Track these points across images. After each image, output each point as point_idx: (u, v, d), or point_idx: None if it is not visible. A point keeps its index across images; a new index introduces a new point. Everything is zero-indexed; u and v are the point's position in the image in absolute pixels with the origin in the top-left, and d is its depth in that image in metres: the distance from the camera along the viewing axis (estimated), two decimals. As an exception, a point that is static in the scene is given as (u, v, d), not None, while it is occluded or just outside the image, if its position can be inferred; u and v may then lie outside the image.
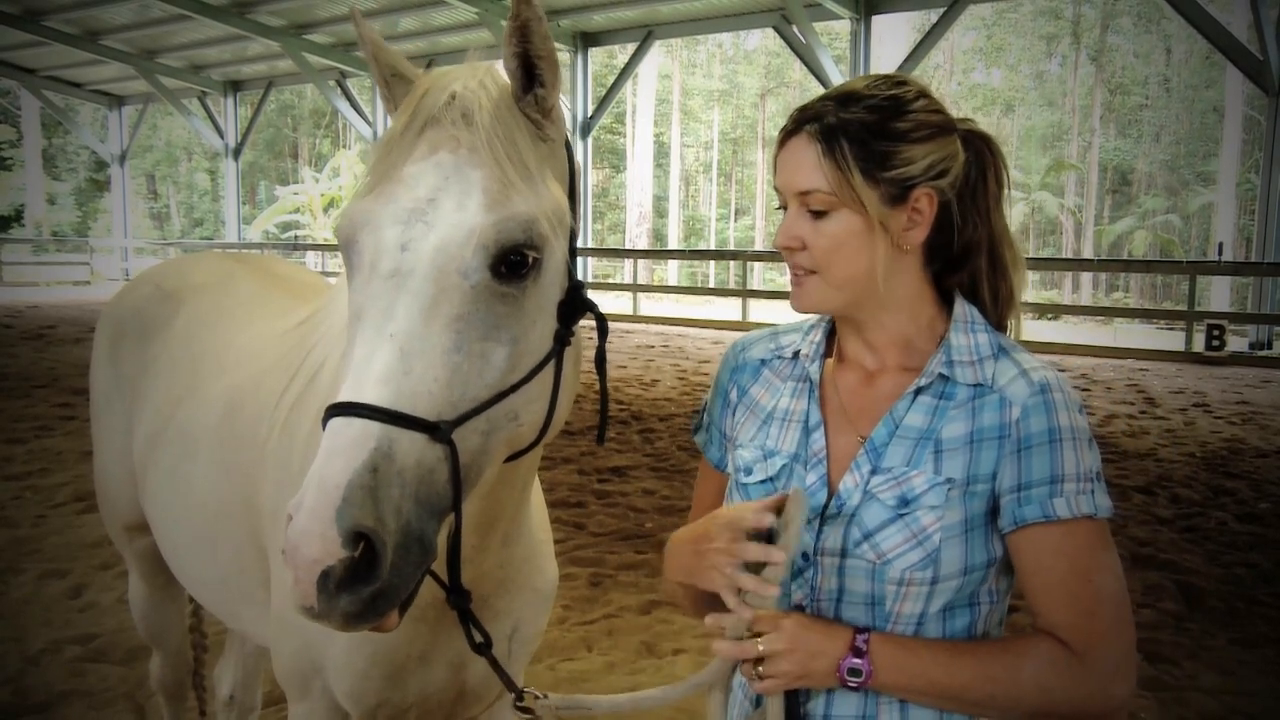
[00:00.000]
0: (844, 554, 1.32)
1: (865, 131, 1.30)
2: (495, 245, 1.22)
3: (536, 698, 1.45)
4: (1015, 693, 1.24)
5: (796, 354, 1.49)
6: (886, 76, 1.36)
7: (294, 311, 2.24)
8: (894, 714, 1.31)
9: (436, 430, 1.16)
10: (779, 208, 1.39)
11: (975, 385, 1.33)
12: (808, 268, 1.35)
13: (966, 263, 1.41)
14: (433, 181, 1.25)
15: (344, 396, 1.16)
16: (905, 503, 1.30)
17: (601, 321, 1.42)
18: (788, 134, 1.36)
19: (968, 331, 1.38)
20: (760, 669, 1.26)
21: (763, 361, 1.52)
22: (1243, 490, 6.61)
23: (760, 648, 1.25)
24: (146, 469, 2.30)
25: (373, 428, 1.13)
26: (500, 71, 1.34)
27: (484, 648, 1.46)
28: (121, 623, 4.12)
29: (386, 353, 1.17)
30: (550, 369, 1.32)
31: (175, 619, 2.81)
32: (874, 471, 1.33)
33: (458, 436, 1.18)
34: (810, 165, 1.31)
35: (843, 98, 1.33)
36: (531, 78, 1.32)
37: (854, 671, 1.25)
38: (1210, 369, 13.15)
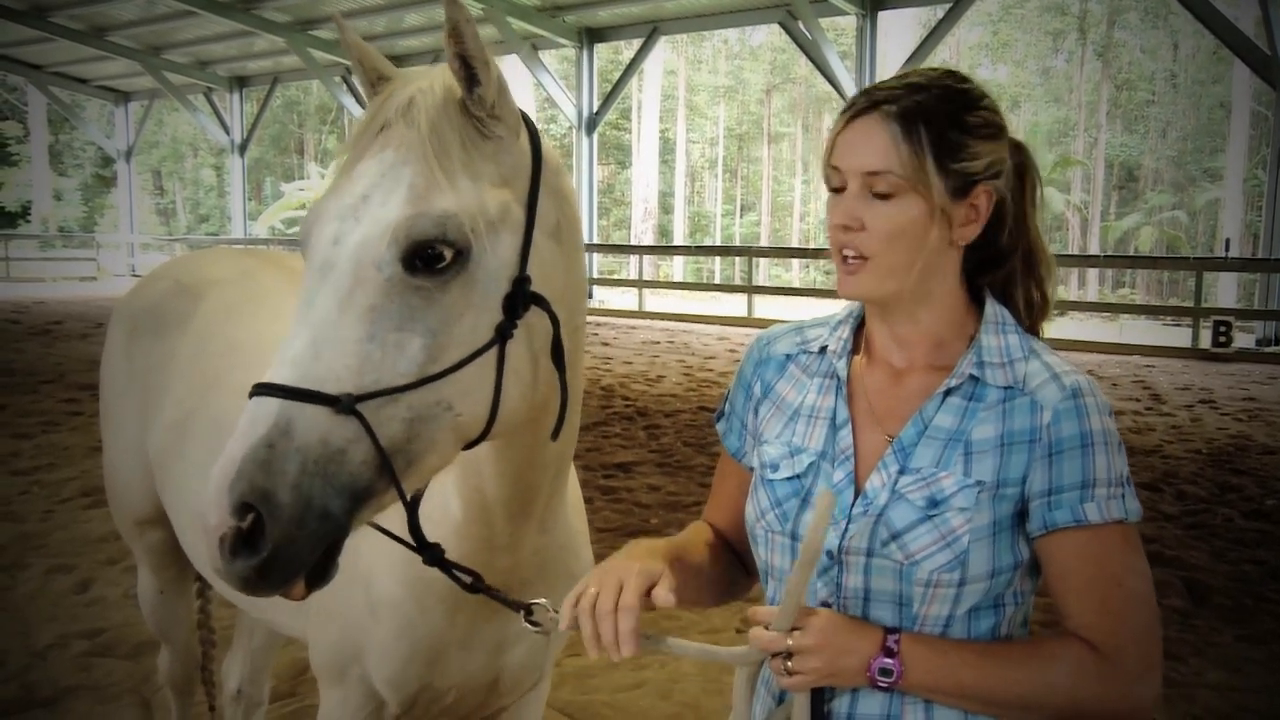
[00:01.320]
0: (870, 553, 1.31)
1: (942, 119, 1.29)
2: (406, 240, 1.25)
3: (549, 611, 1.45)
4: (1043, 695, 1.24)
5: (823, 349, 1.48)
6: (949, 71, 1.36)
7: None
8: (919, 714, 1.30)
9: (337, 403, 1.19)
10: (835, 189, 1.34)
11: (1006, 388, 1.32)
12: (861, 250, 1.32)
13: (1001, 265, 1.41)
14: (371, 179, 1.30)
15: (262, 379, 1.22)
16: (934, 504, 1.29)
17: (551, 316, 1.41)
18: (858, 112, 1.32)
19: (999, 333, 1.37)
20: (789, 664, 1.25)
21: (788, 356, 1.51)
22: (1249, 487, 6.60)
23: (789, 643, 1.24)
24: (169, 460, 2.30)
25: (273, 405, 1.18)
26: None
27: (477, 584, 1.50)
28: (128, 618, 4.13)
29: (301, 339, 1.23)
30: (490, 361, 1.32)
31: (184, 613, 2.82)
32: (902, 471, 1.32)
33: (376, 422, 1.21)
34: (884, 146, 1.29)
35: (913, 86, 1.32)
36: (473, 77, 1.34)
37: (885, 671, 1.24)
38: (1217, 365, 13.11)
